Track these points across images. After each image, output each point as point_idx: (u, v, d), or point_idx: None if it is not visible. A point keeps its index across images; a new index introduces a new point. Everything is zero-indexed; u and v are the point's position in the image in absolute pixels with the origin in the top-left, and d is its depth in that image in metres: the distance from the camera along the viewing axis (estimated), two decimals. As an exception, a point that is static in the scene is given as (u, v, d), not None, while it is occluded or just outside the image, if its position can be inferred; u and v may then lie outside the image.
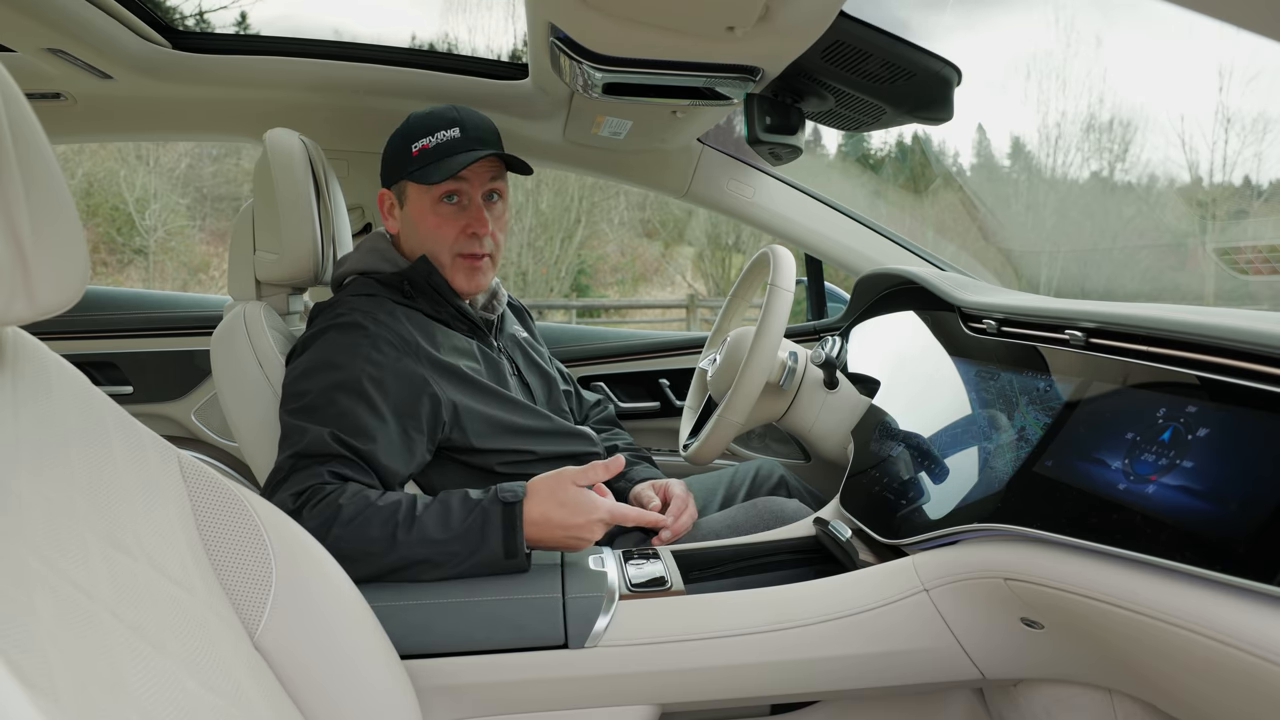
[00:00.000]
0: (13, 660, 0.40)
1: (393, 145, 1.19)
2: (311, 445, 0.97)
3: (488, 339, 1.24)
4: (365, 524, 0.91)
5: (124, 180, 13.23)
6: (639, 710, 0.90)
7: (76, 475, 0.55)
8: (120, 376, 1.92)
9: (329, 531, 0.90)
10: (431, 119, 1.16)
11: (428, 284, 1.17)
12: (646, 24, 1.03)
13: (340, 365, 1.03)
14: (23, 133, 0.48)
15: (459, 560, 0.91)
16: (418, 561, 0.91)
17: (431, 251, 1.18)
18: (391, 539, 0.91)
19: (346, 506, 0.92)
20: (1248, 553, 0.60)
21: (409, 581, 0.92)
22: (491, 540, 0.91)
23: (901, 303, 1.50)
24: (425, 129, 1.16)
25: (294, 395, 1.04)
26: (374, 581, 0.90)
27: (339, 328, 1.08)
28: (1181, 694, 0.74)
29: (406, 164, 1.16)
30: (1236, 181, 11.64)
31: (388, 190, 1.21)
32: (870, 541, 1.04)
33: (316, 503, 0.93)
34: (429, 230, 1.17)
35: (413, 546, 0.91)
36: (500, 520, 0.92)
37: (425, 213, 1.17)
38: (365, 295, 1.14)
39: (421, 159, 1.15)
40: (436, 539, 0.90)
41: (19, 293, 0.48)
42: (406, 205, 1.19)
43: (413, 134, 1.16)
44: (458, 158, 1.14)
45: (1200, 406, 0.69)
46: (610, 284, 16.31)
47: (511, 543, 0.91)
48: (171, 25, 1.52)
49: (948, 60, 1.19)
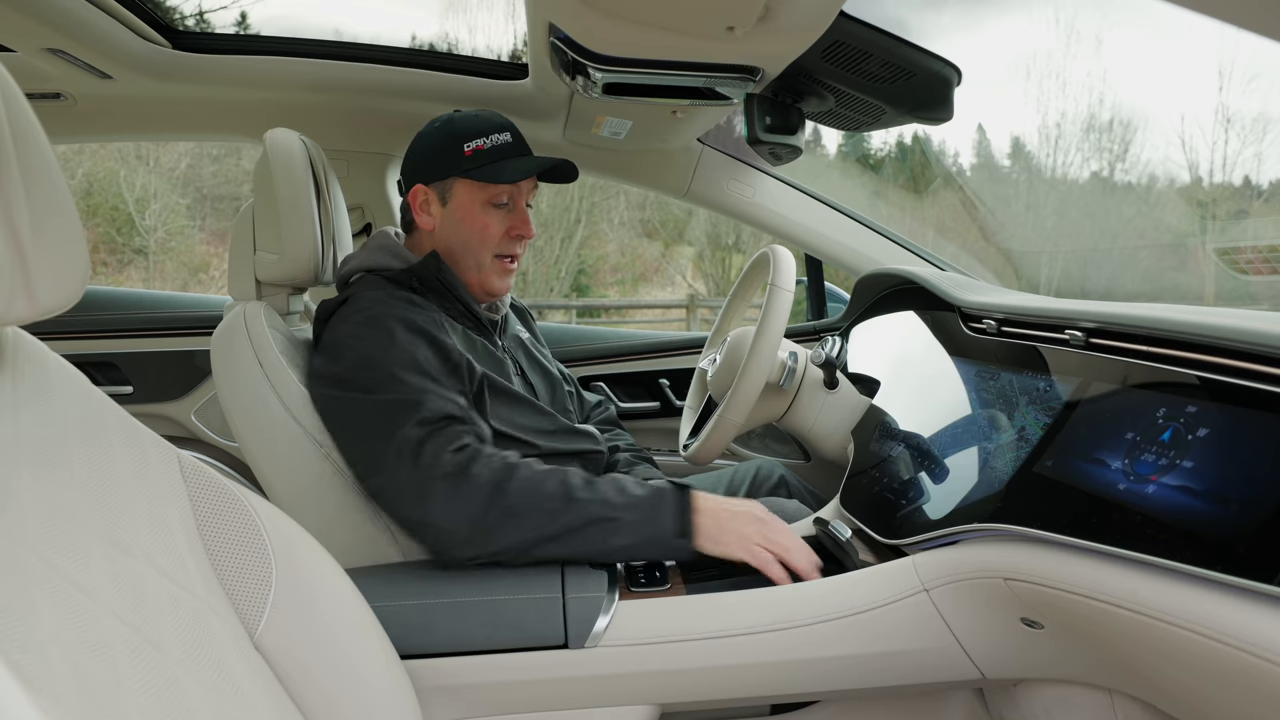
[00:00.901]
0: (13, 660, 0.40)
1: (435, 142, 1.19)
2: (432, 410, 0.99)
3: (493, 338, 1.24)
4: (540, 481, 0.95)
5: (124, 180, 13.23)
6: (639, 710, 0.90)
7: (77, 475, 0.55)
8: (120, 376, 1.92)
9: (504, 486, 0.94)
10: (481, 121, 1.18)
11: (438, 280, 1.17)
12: (646, 24, 1.03)
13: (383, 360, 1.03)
14: (23, 133, 0.48)
15: (632, 529, 0.94)
16: (594, 520, 0.94)
17: (472, 250, 1.19)
18: (568, 498, 0.94)
19: (519, 465, 0.97)
20: (1248, 553, 0.60)
21: (573, 552, 0.95)
22: (665, 516, 0.95)
23: (901, 303, 1.50)
24: (477, 130, 1.17)
25: (362, 385, 1.03)
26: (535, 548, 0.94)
27: (368, 319, 1.08)
28: (1181, 694, 0.74)
29: (458, 162, 1.16)
30: (1236, 181, 11.65)
31: (425, 186, 1.20)
32: (870, 541, 1.04)
33: (484, 458, 0.96)
34: (475, 230, 1.18)
35: (589, 506, 0.94)
36: (674, 500, 0.96)
37: (475, 212, 1.18)
38: (374, 292, 1.14)
39: (477, 159, 1.16)
40: (614, 501, 0.94)
41: (19, 293, 0.48)
42: (452, 202, 1.19)
43: (463, 133, 1.17)
44: (518, 162, 1.17)
45: (1200, 406, 0.69)
46: (610, 284, 16.31)
47: (683, 521, 0.95)
48: (171, 25, 1.52)
49: (948, 60, 1.19)
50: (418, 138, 1.22)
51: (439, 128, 1.20)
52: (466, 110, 1.22)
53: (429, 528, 0.95)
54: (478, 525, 0.93)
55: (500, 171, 1.16)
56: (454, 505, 0.93)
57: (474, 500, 0.93)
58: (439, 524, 0.94)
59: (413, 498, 0.96)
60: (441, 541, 0.95)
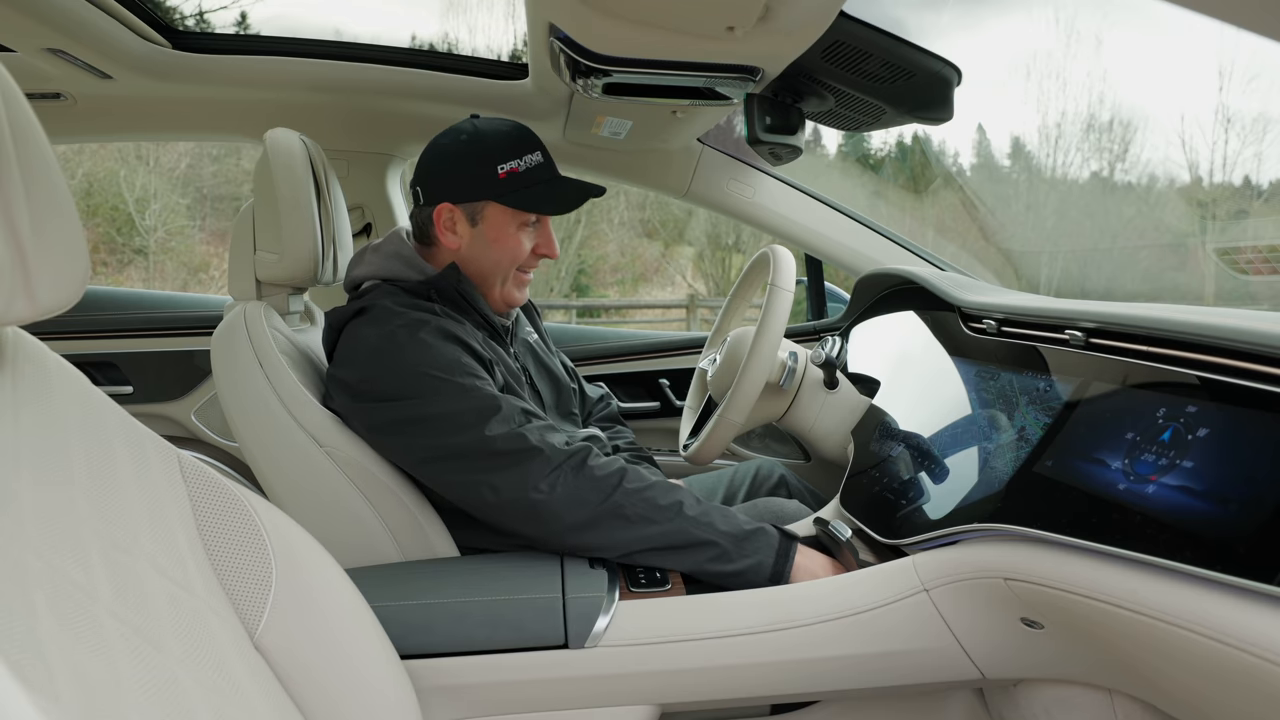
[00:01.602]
0: (13, 660, 0.40)
1: (463, 160, 1.14)
2: (508, 411, 1.00)
3: (508, 347, 1.23)
4: (652, 491, 0.98)
5: (124, 180, 13.23)
6: (639, 710, 0.90)
7: (77, 476, 0.55)
8: (120, 376, 1.92)
9: (616, 487, 0.97)
10: (513, 140, 1.15)
11: (456, 292, 1.15)
12: (646, 24, 1.03)
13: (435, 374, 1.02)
14: (23, 133, 0.48)
15: (730, 558, 0.97)
16: (700, 543, 0.97)
17: (501, 268, 1.18)
18: (679, 511, 0.98)
19: (630, 471, 0.99)
20: (1248, 553, 0.60)
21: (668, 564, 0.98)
22: (764, 555, 0.97)
23: (901, 303, 1.50)
24: (510, 149, 1.14)
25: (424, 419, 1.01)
26: (637, 554, 0.97)
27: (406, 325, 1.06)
28: (1181, 694, 0.74)
29: (492, 185, 1.13)
30: (1236, 181, 11.65)
31: (453, 205, 1.15)
32: (870, 541, 1.04)
33: (594, 454, 0.99)
34: (507, 250, 1.16)
35: (698, 524, 0.97)
36: (777, 544, 0.99)
37: (508, 234, 1.16)
38: (388, 305, 1.11)
39: (512, 182, 1.13)
40: (720, 528, 0.97)
41: (19, 293, 0.48)
42: (484, 224, 1.16)
43: (495, 152, 1.13)
44: (559, 190, 1.16)
45: (1200, 406, 0.69)
46: (610, 284, 16.31)
47: (779, 568, 0.97)
48: (171, 25, 1.52)
49: (948, 60, 1.19)
50: (439, 149, 1.16)
51: (466, 143, 1.14)
52: (489, 120, 1.18)
53: (542, 507, 0.97)
54: (590, 518, 0.97)
55: (541, 200, 1.14)
56: (574, 494, 0.97)
57: (593, 493, 0.97)
58: (556, 509, 0.97)
59: (529, 483, 0.97)
60: (549, 526, 0.98)
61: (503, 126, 1.17)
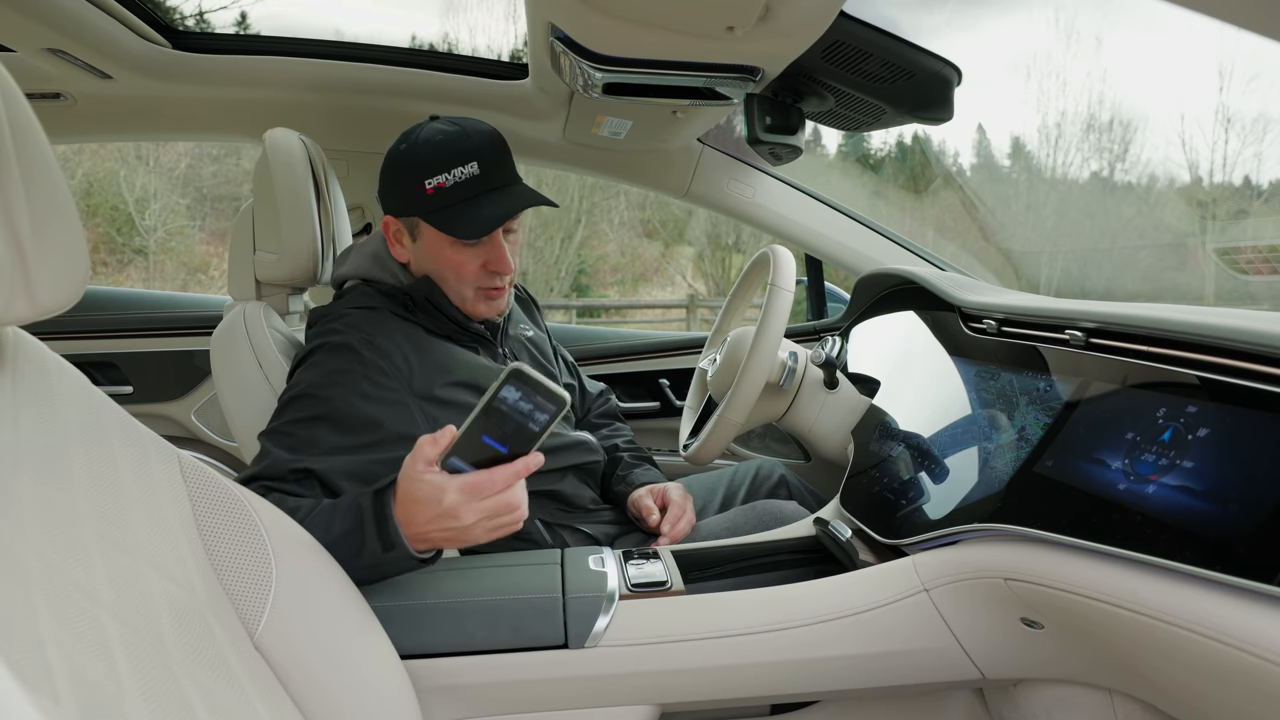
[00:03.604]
0: (13, 660, 0.40)
1: (398, 172, 1.10)
2: (269, 469, 0.95)
3: (494, 349, 1.22)
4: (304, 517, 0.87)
5: (124, 180, 13.23)
6: (639, 710, 0.90)
7: (77, 476, 0.55)
8: (120, 376, 1.93)
9: None
10: (444, 151, 1.07)
11: (428, 301, 1.14)
12: (646, 24, 1.03)
13: (323, 396, 1.00)
14: (23, 133, 0.48)
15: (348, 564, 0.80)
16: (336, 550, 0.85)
17: (450, 284, 1.14)
18: None
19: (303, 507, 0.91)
20: (1248, 553, 0.60)
21: None
22: (369, 536, 0.81)
23: (901, 303, 1.50)
24: (439, 163, 1.06)
25: (275, 414, 1.02)
26: None
27: (331, 348, 1.04)
28: (1181, 694, 0.74)
29: (420, 201, 1.07)
30: (1236, 181, 11.65)
31: (394, 219, 1.13)
32: (870, 541, 1.04)
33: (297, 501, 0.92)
34: (448, 269, 1.12)
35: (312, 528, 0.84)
36: (372, 512, 0.82)
37: (443, 252, 1.11)
38: (365, 308, 1.11)
39: (440, 198, 1.07)
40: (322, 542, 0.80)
41: (19, 293, 0.48)
42: (420, 240, 1.12)
43: (424, 166, 1.07)
44: (484, 212, 1.07)
45: (1200, 406, 0.69)
46: (610, 284, 16.31)
47: (385, 533, 0.80)
48: (171, 25, 1.52)
49: (948, 60, 1.19)
50: (386, 158, 1.13)
51: (403, 152, 1.10)
52: (439, 126, 1.11)
53: None
54: None
55: (463, 222, 1.07)
56: None
57: None
58: None
59: None
60: None
61: (441, 135, 1.09)
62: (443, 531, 0.79)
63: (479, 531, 0.80)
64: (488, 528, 0.80)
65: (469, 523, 0.78)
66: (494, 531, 0.81)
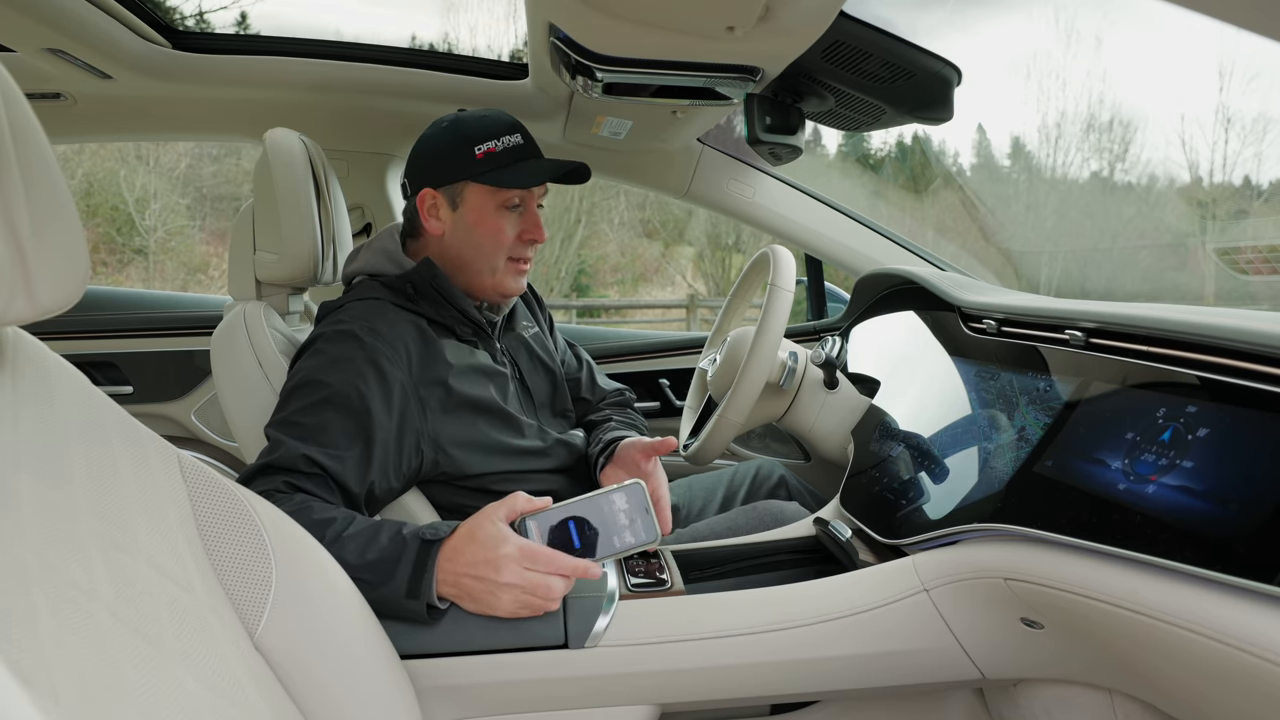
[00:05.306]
0: (13, 660, 0.40)
1: (442, 145, 1.16)
2: (282, 459, 0.95)
3: (492, 344, 1.22)
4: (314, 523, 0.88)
5: (124, 180, 13.23)
6: (639, 710, 0.90)
7: (77, 476, 0.55)
8: (120, 376, 1.93)
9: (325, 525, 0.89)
10: (490, 122, 1.16)
11: (431, 287, 1.15)
12: (646, 24, 1.03)
13: (326, 381, 1.01)
14: (23, 133, 0.48)
15: (366, 590, 0.81)
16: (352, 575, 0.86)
17: (486, 254, 1.17)
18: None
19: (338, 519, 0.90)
20: (1248, 553, 0.60)
21: None
22: (399, 576, 0.84)
23: (901, 303, 1.50)
24: (488, 131, 1.14)
25: (280, 406, 1.03)
26: None
27: (333, 336, 1.06)
28: (1181, 694, 0.74)
29: (470, 165, 1.14)
30: (1236, 181, 11.64)
31: (434, 190, 1.17)
32: (870, 541, 1.04)
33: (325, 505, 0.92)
34: (489, 233, 1.16)
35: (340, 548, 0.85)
36: (414, 556, 0.85)
37: (488, 216, 1.15)
38: (369, 299, 1.12)
39: (490, 162, 1.13)
40: (350, 562, 0.82)
41: (19, 293, 0.48)
42: (463, 207, 1.16)
43: (473, 135, 1.14)
44: (533, 165, 1.15)
45: (1200, 406, 0.69)
46: (610, 284, 16.31)
47: (416, 582, 0.83)
48: (171, 25, 1.52)
49: (948, 60, 1.19)
50: (423, 140, 1.18)
51: (446, 129, 1.17)
52: (473, 110, 1.19)
53: None
54: None
55: (515, 176, 1.14)
56: None
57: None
58: None
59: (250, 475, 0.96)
60: None
61: (483, 112, 1.18)
62: (477, 580, 0.83)
63: (508, 596, 0.83)
64: (518, 597, 0.83)
65: (505, 581, 0.82)
66: (520, 606, 0.84)
